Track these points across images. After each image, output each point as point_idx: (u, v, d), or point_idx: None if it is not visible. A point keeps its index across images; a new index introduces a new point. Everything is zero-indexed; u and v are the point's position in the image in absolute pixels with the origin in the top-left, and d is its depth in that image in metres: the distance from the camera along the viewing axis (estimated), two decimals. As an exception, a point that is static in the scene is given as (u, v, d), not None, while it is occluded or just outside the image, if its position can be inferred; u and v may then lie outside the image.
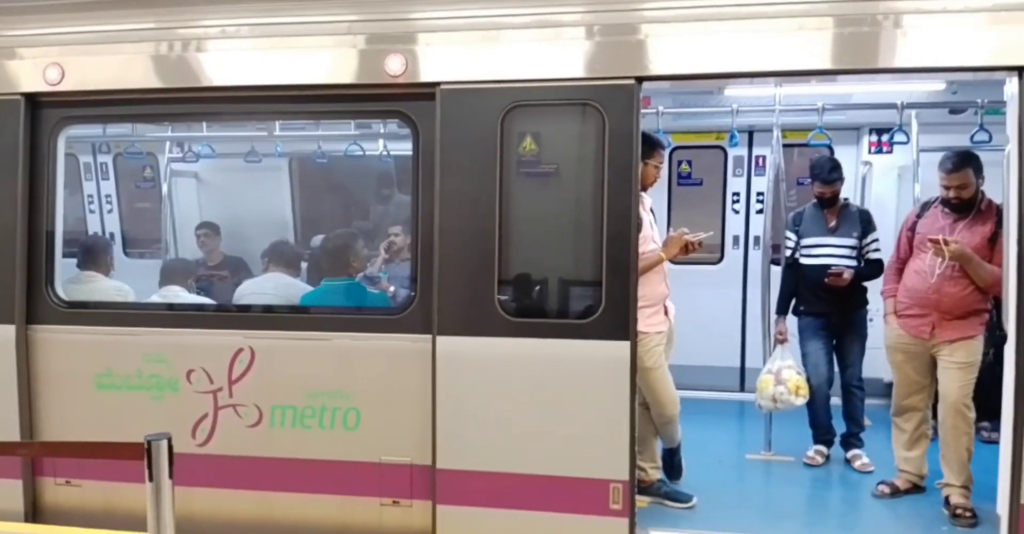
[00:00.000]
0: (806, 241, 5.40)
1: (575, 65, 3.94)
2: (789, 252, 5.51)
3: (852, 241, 5.30)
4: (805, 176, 6.11)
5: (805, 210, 5.55)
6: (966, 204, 4.52)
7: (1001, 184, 3.89)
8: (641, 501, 4.56)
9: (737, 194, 7.33)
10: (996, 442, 3.84)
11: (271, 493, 4.33)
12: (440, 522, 4.11)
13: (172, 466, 2.61)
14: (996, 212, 4.39)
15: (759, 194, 7.07)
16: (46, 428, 4.53)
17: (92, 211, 8.18)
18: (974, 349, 4.48)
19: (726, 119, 6.05)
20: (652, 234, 4.58)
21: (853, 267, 5.24)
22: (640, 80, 3.89)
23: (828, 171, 5.31)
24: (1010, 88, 3.73)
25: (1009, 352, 3.73)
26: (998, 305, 4.06)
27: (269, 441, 4.32)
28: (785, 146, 6.26)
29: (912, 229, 4.72)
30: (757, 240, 7.07)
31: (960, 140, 5.70)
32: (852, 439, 5.41)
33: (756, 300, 5.98)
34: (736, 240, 7.34)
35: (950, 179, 4.50)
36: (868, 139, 6.83)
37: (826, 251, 5.31)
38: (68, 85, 4.44)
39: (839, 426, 5.48)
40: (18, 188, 4.47)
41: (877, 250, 5.31)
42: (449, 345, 4.05)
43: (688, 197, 7.51)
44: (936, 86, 5.63)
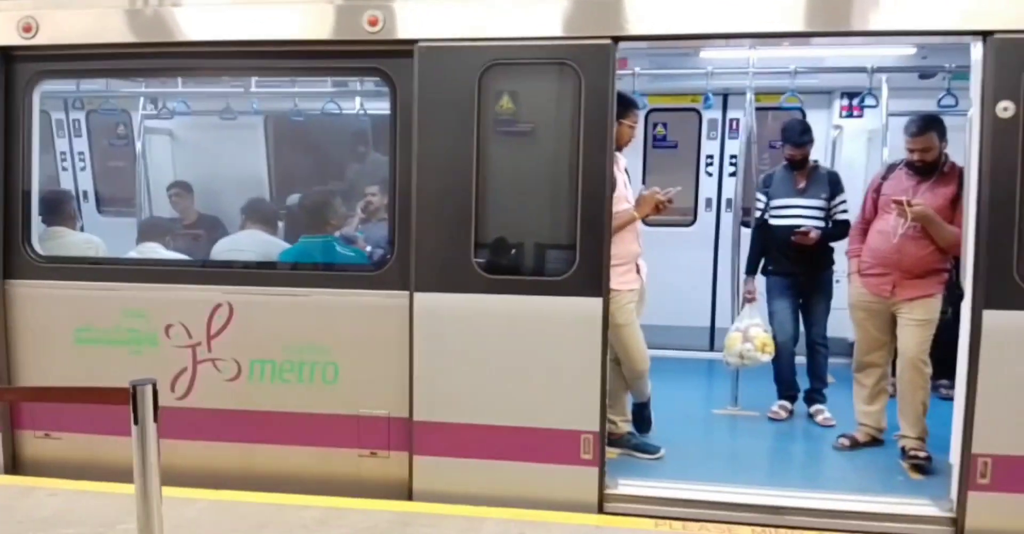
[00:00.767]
0: (775, 202, 5.52)
1: (553, 24, 3.97)
2: (759, 213, 5.63)
3: (821, 202, 5.42)
4: (778, 139, 6.20)
5: (775, 172, 5.67)
6: (929, 167, 4.65)
7: (963, 148, 4.02)
8: (611, 452, 4.70)
9: (711, 157, 7.41)
10: (953, 399, 4.01)
11: (252, 445, 4.43)
12: (417, 472, 4.23)
13: (157, 411, 2.68)
14: (959, 175, 4.52)
15: (732, 157, 7.16)
16: (25, 381, 4.57)
17: (65, 169, 8.11)
18: (932, 307, 4.64)
19: (701, 82, 6.11)
20: (626, 194, 4.66)
21: (821, 228, 5.37)
22: (616, 40, 3.93)
23: (799, 134, 5.41)
24: (975, 53, 3.82)
25: (965, 310, 3.89)
26: (958, 265, 4.21)
27: (248, 395, 4.40)
28: (758, 109, 6.34)
29: (877, 191, 4.85)
30: (730, 203, 7.20)
31: (929, 104, 5.81)
32: (815, 395, 5.59)
33: (727, 262, 6.11)
34: (709, 202, 7.44)
35: (914, 142, 4.63)
36: (839, 103, 6.93)
37: (795, 212, 5.44)
38: (42, 39, 4.41)
39: (804, 383, 5.66)
40: None
41: (845, 211, 5.44)
42: (426, 301, 4.14)
43: (663, 160, 7.58)
44: (907, 51, 5.72)
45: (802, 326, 5.63)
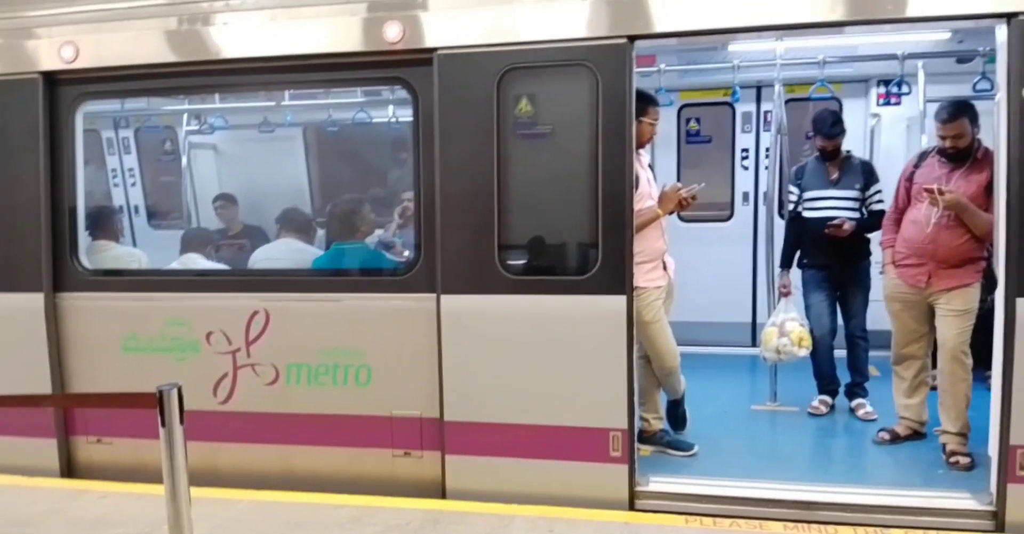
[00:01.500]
0: (808, 194, 5.45)
1: (567, 26, 4.00)
2: (792, 205, 5.57)
3: (855, 193, 5.33)
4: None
5: (807, 163, 5.59)
6: (962, 153, 4.54)
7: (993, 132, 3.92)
8: (644, 450, 4.73)
9: (746, 150, 7.34)
10: (995, 390, 3.91)
11: (289, 447, 4.57)
12: (449, 471, 4.31)
13: (183, 413, 2.81)
14: (992, 161, 4.40)
15: (767, 150, 7.09)
16: (77, 390, 4.79)
17: (116, 185, 8.43)
18: (971, 297, 4.52)
19: (730, 75, 6.07)
20: (650, 191, 4.66)
21: (855, 219, 5.29)
22: (632, 39, 3.95)
23: (830, 125, 5.33)
24: (1000, 36, 3.73)
25: (999, 298, 3.79)
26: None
27: (286, 398, 4.54)
28: (792, 100, 6.28)
29: (910, 179, 4.76)
30: (766, 196, 7.12)
31: (969, 89, 5.67)
32: (856, 389, 5.50)
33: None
34: (746, 196, 7.37)
35: (946, 129, 4.52)
36: (876, 91, 6.80)
37: (828, 203, 5.36)
38: (83, 62, 4.62)
39: (844, 377, 5.57)
40: (40, 164, 4.68)
41: (880, 201, 5.34)
42: (453, 303, 4.21)
43: (697, 154, 7.55)
44: (942, 36, 5.59)
45: (840, 319, 5.54)
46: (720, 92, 7.09)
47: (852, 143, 5.76)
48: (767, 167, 7.01)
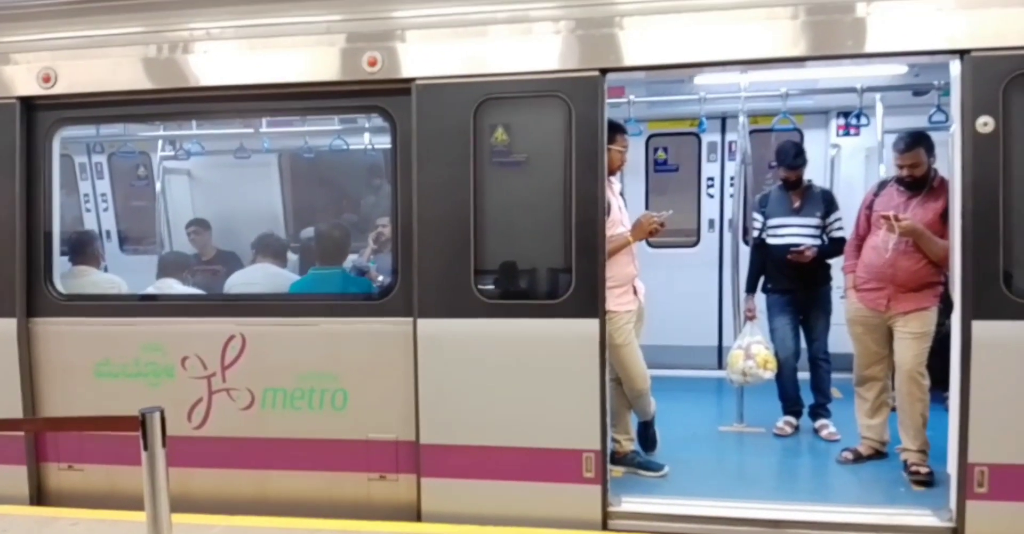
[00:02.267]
0: (772, 222, 5.64)
1: (542, 58, 4.14)
2: (756, 232, 5.75)
3: (816, 221, 5.53)
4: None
5: (771, 192, 5.79)
6: (919, 182, 4.75)
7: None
8: (616, 471, 4.81)
9: (712, 179, 7.55)
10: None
11: (264, 471, 4.57)
12: (425, 494, 4.34)
13: (165, 436, 2.84)
14: (947, 189, 4.60)
15: (732, 178, 7.29)
16: (49, 415, 4.75)
17: (88, 210, 8.40)
18: (928, 320, 4.71)
19: (696, 107, 6.26)
20: (621, 218, 4.80)
21: (817, 245, 5.47)
22: (604, 71, 4.10)
23: (793, 157, 5.54)
24: (953, 70, 3.94)
25: (955, 321, 3.96)
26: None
27: (261, 422, 4.55)
28: (756, 131, 6.49)
29: (869, 207, 4.95)
30: (731, 223, 7.31)
31: (925, 121, 5.92)
32: (819, 410, 5.66)
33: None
34: (711, 223, 7.57)
35: (903, 158, 4.73)
36: (836, 122, 7.06)
37: (791, 230, 5.55)
38: (61, 88, 4.66)
39: (808, 398, 5.73)
40: (16, 188, 4.69)
41: (840, 229, 5.54)
42: (429, 327, 4.28)
43: (665, 183, 7.75)
44: (899, 70, 5.83)
45: (804, 342, 5.71)
46: (687, 123, 7.30)
47: (813, 172, 5.97)
48: (732, 195, 7.20)
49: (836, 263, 5.50)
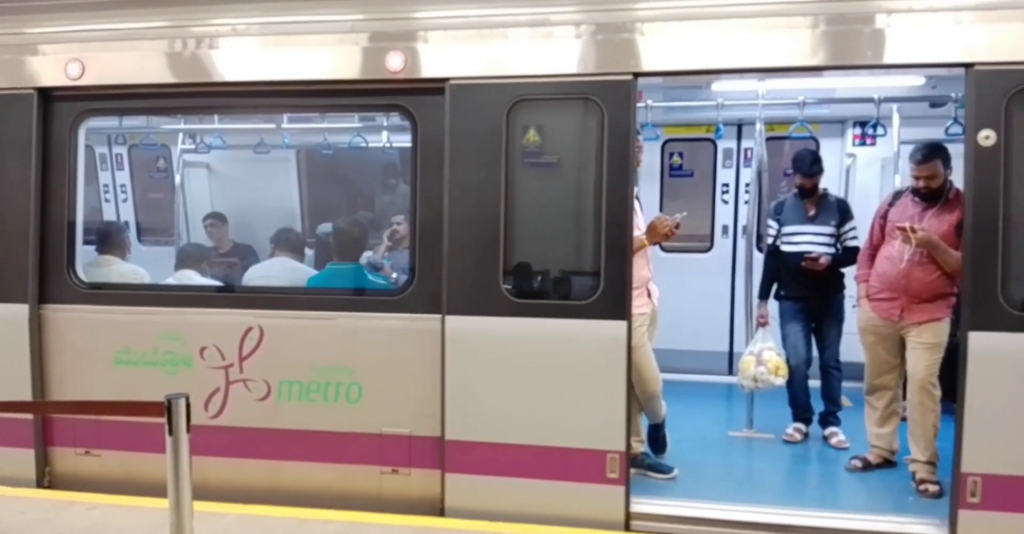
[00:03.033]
0: (787, 229, 5.67)
1: (576, 61, 4.18)
2: (771, 239, 5.78)
3: (830, 229, 5.56)
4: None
5: (786, 199, 5.82)
6: (935, 193, 4.77)
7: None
8: (626, 472, 4.85)
9: (727, 185, 7.58)
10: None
11: (279, 462, 4.64)
12: (448, 489, 4.38)
13: (190, 422, 2.90)
14: (963, 201, 4.62)
15: (747, 185, 7.33)
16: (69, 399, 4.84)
17: (107, 200, 8.48)
18: (940, 331, 4.73)
19: (713, 113, 6.30)
20: (637, 221, 4.84)
21: (831, 254, 5.50)
22: (637, 75, 4.14)
23: (809, 164, 5.57)
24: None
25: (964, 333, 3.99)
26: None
27: (277, 414, 4.62)
28: (772, 139, 6.51)
29: (884, 217, 4.98)
30: (745, 229, 7.34)
31: (941, 133, 5.93)
32: (829, 417, 5.69)
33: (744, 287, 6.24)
34: (725, 229, 7.60)
35: (919, 170, 4.76)
36: (852, 132, 7.08)
37: (805, 238, 5.58)
38: (88, 80, 4.74)
39: (818, 405, 5.75)
40: (31, 177, 4.78)
41: (854, 238, 5.56)
42: (458, 324, 4.31)
43: (679, 187, 7.78)
44: (916, 81, 5.86)
45: (815, 350, 5.74)
46: (703, 128, 7.33)
47: (828, 181, 5.99)
48: (746, 202, 7.25)
49: (849, 272, 5.53)
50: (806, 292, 5.61)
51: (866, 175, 7.02)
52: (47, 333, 4.85)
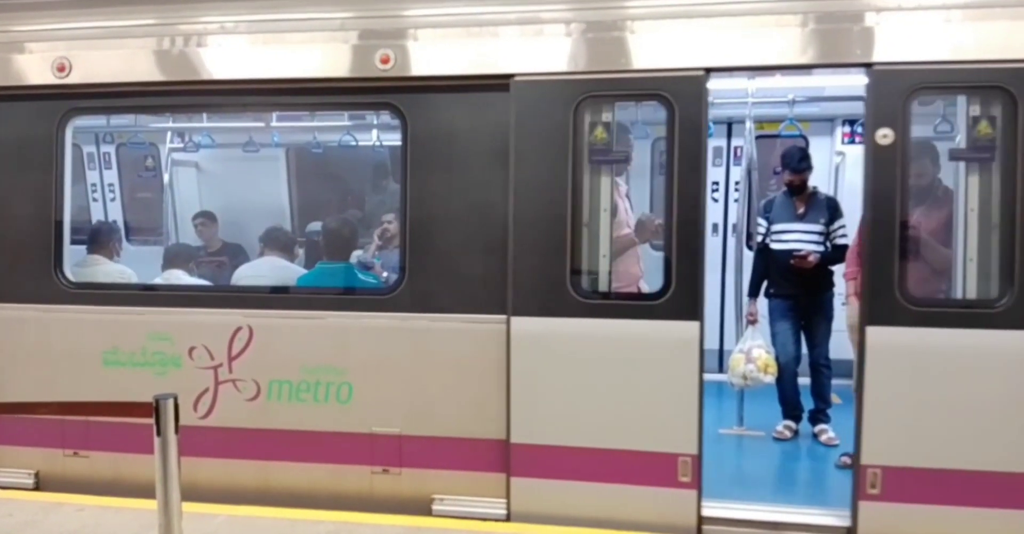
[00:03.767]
0: (776, 227, 5.68)
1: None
2: (760, 238, 5.79)
3: (819, 227, 5.58)
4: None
5: (776, 198, 5.84)
6: (923, 191, 4.79)
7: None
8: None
9: (716, 183, 7.59)
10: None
11: (268, 462, 4.62)
12: (514, 493, 4.31)
13: (178, 423, 2.89)
14: (951, 199, 4.65)
15: (737, 183, 7.33)
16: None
17: (95, 199, 8.43)
18: (928, 328, 4.75)
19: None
20: (627, 219, 4.84)
21: (820, 252, 5.52)
22: (709, 71, 4.07)
23: (797, 160, 5.59)
24: None
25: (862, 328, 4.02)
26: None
27: (266, 414, 4.60)
28: (762, 137, 6.52)
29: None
30: (735, 227, 7.35)
31: (930, 131, 5.95)
32: (819, 415, 5.71)
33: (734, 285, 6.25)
34: (715, 227, 7.61)
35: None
36: (841, 130, 7.09)
37: (795, 236, 5.60)
38: (75, 78, 4.70)
39: (808, 403, 5.77)
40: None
41: (844, 236, 5.58)
42: (523, 325, 4.23)
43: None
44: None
45: (805, 347, 5.76)
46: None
47: (817, 180, 6.00)
48: (736, 200, 7.25)
49: (838, 270, 5.55)
50: (796, 290, 5.63)
51: (855, 173, 7.01)
52: (34, 333, 4.81)
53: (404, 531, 4.12)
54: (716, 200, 7.60)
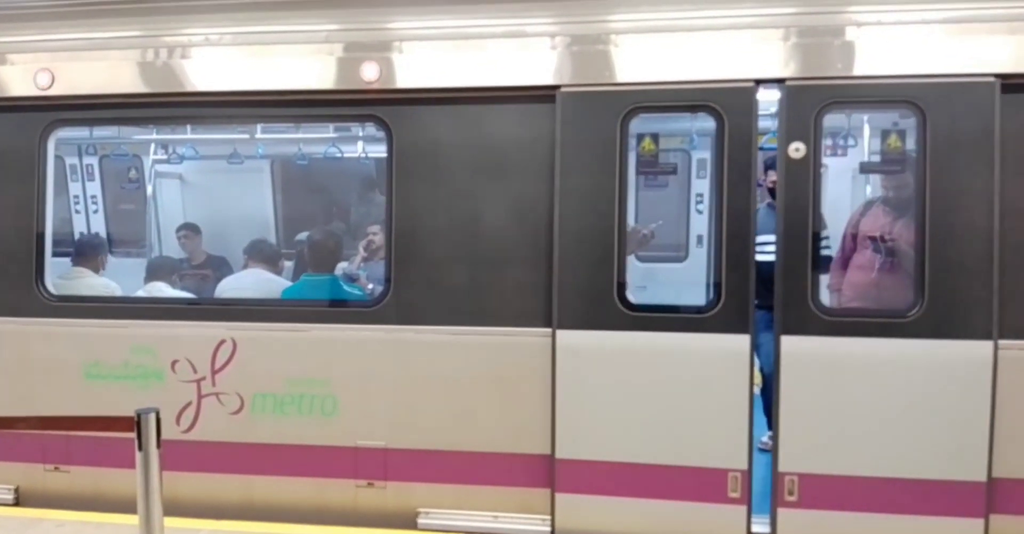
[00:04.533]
0: (759, 238, 5.67)
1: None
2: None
3: (803, 239, 5.59)
4: (763, 177, 6.41)
5: (759, 210, 5.84)
6: (906, 203, 4.83)
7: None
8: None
9: (701, 195, 7.61)
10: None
11: (252, 477, 4.58)
12: (559, 509, 4.26)
13: (160, 437, 2.86)
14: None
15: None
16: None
17: (78, 211, 8.37)
18: (911, 338, 4.78)
19: (687, 124, 6.33)
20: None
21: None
22: (759, 82, 4.07)
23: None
24: None
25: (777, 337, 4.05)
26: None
27: (250, 427, 4.56)
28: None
29: (856, 227, 5.04)
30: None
31: (912, 143, 6.00)
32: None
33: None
34: (700, 239, 7.63)
35: (888, 180, 4.83)
36: (824, 142, 7.12)
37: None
38: (58, 89, 4.67)
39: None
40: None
41: (827, 248, 5.60)
42: (569, 338, 4.18)
43: (654, 198, 7.80)
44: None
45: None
46: (677, 139, 7.37)
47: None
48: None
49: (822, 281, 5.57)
50: (780, 301, 5.62)
51: (838, 185, 7.08)
52: (15, 346, 4.75)
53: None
54: (701, 212, 7.62)
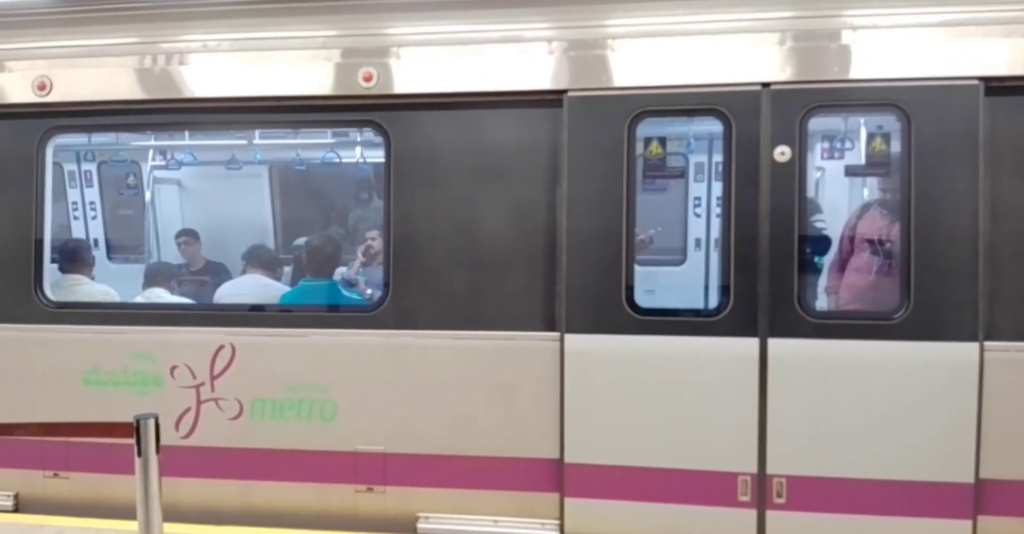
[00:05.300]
0: None
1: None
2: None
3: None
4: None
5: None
6: (891, 206, 4.84)
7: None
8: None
9: (699, 198, 7.63)
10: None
11: (252, 482, 4.58)
12: (568, 514, 4.25)
13: (159, 443, 2.86)
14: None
15: (719, 198, 7.38)
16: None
17: (76, 218, 8.37)
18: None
19: (684, 127, 6.35)
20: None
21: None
22: (767, 85, 4.06)
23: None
24: None
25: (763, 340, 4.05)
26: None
27: (249, 433, 4.56)
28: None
29: (853, 229, 5.05)
30: (717, 243, 7.39)
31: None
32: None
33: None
34: (698, 242, 7.64)
35: (886, 182, 4.84)
36: (820, 145, 7.16)
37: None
38: (56, 96, 4.68)
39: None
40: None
41: (823, 229, 5.58)
42: (577, 342, 4.18)
43: (652, 201, 7.81)
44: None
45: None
46: (674, 143, 7.38)
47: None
48: (719, 215, 7.30)
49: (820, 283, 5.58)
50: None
51: (834, 188, 7.10)
52: (14, 353, 4.75)
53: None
54: (699, 215, 7.63)
